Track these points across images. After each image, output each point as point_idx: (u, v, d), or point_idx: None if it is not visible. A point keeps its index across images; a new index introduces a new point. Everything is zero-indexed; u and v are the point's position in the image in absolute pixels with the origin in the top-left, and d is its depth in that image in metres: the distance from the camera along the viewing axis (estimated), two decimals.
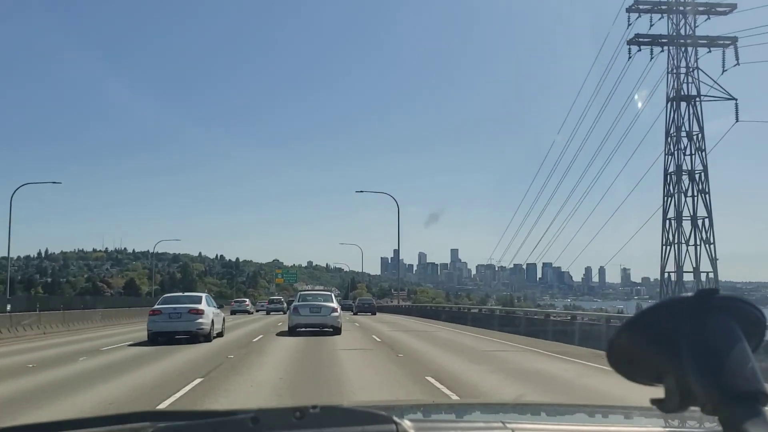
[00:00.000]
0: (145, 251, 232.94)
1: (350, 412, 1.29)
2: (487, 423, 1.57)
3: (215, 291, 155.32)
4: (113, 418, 1.32)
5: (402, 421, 1.24)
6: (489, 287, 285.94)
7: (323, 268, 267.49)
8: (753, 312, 1.07)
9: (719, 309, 1.06)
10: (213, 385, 10.75)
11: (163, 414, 1.36)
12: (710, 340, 1.03)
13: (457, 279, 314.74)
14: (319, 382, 11.48)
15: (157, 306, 21.04)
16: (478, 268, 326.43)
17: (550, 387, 11.03)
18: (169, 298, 22.36)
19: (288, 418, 1.20)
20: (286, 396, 9.90)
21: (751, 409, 0.97)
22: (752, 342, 1.06)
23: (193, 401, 9.31)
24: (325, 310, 22.65)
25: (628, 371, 1.11)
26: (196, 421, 1.33)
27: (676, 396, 1.04)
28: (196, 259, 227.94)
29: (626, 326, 1.09)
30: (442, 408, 2.20)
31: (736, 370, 1.00)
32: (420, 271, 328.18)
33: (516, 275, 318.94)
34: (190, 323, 19.94)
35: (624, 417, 1.91)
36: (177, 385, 10.74)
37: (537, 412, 1.97)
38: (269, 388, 10.56)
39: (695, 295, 1.06)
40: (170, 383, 11.00)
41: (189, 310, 20.14)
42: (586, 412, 1.99)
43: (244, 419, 1.20)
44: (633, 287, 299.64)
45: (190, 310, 20.14)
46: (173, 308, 20.20)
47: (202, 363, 14.07)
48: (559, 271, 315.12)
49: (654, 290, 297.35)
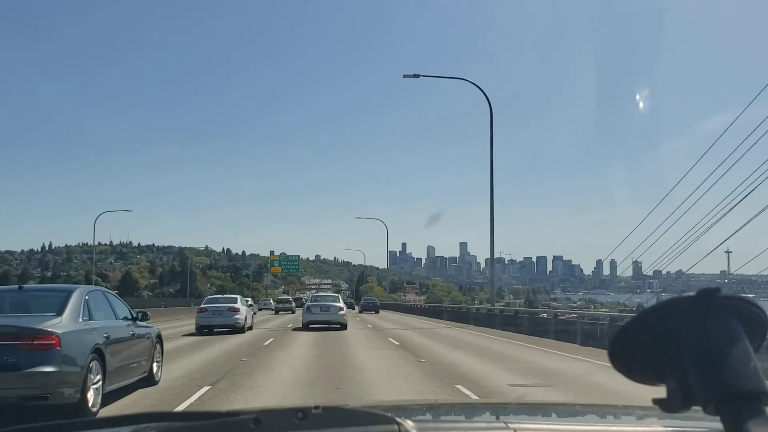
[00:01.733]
0: (150, 245, 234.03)
1: (352, 412, 1.30)
2: (489, 423, 1.58)
3: (217, 285, 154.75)
4: (117, 419, 1.33)
5: (404, 421, 1.25)
6: (499, 281, 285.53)
7: (331, 262, 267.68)
8: (755, 311, 1.07)
9: (721, 308, 1.06)
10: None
11: (165, 415, 1.38)
12: (712, 340, 1.03)
13: (467, 273, 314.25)
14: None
15: (203, 305, 26.21)
16: (488, 261, 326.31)
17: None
18: (212, 299, 27.90)
19: (290, 418, 1.21)
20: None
21: (753, 408, 0.97)
22: (754, 341, 1.06)
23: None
24: (333, 309, 27.07)
25: (630, 371, 1.10)
26: (199, 422, 1.34)
27: (678, 395, 1.04)
28: (201, 252, 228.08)
29: (628, 326, 1.08)
30: (444, 408, 2.21)
31: (738, 370, 1.00)
32: (429, 265, 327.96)
33: (526, 269, 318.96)
34: (229, 318, 24.76)
35: (626, 416, 1.91)
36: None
37: (539, 412, 1.97)
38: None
39: (697, 294, 1.06)
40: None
41: (228, 308, 25.15)
42: (589, 412, 1.99)
43: (246, 420, 1.21)
44: (645, 280, 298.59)
45: (229, 308, 25.15)
46: (216, 307, 25.28)
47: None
48: (569, 264, 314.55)
49: (666, 283, 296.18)
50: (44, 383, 7.31)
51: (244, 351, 17.45)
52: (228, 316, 24.86)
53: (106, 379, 8.49)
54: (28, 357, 7.31)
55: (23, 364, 7.28)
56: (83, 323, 8.37)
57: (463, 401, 7.67)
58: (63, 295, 8.69)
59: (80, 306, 8.55)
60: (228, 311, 25.03)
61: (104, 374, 8.39)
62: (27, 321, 7.80)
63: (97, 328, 8.60)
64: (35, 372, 7.26)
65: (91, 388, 7.99)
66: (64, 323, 7.90)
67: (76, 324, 8.18)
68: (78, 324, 8.22)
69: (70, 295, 8.59)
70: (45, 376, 7.30)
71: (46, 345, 7.42)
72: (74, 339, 7.85)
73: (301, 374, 12.69)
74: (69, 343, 7.67)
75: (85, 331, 8.27)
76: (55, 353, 7.43)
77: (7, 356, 7.27)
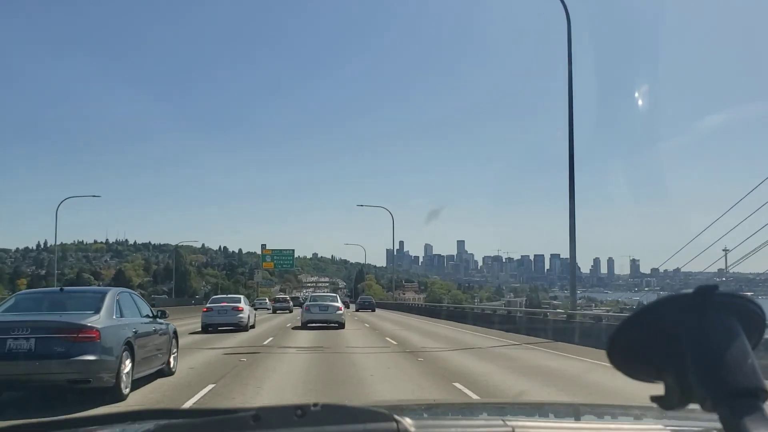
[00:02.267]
0: (147, 243, 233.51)
1: (351, 410, 1.31)
2: (487, 421, 1.59)
3: (212, 283, 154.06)
4: (116, 416, 1.34)
5: (403, 419, 1.25)
6: (497, 279, 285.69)
7: (328, 260, 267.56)
8: (753, 308, 1.08)
9: (719, 305, 1.06)
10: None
11: (165, 412, 1.38)
12: (710, 337, 1.04)
13: (464, 271, 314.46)
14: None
15: (208, 305, 27.80)
16: (485, 259, 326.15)
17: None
18: (216, 299, 29.14)
19: (289, 416, 1.22)
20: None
21: (750, 405, 0.98)
22: (752, 339, 1.06)
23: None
24: (331, 309, 27.93)
25: (628, 368, 1.11)
26: (198, 419, 1.34)
27: (676, 393, 1.05)
28: (198, 250, 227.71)
29: (626, 323, 1.09)
30: (442, 407, 2.22)
31: (736, 367, 1.01)
32: (426, 263, 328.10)
33: (523, 267, 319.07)
34: (234, 317, 26.07)
35: (624, 415, 1.92)
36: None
37: (537, 411, 1.99)
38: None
39: (695, 291, 1.07)
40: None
41: (233, 308, 26.44)
42: (587, 410, 2.00)
43: (245, 417, 1.22)
44: (643, 278, 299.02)
45: (233, 308, 26.44)
46: (221, 306, 26.68)
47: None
48: (566, 262, 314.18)
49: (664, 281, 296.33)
50: (87, 369, 8.72)
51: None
52: (232, 315, 26.18)
53: (135, 367, 9.85)
54: (74, 347, 8.71)
55: (70, 354, 8.66)
56: (116, 320, 9.77)
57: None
58: (98, 296, 10.20)
59: (113, 305, 9.97)
60: (232, 310, 26.37)
61: (133, 363, 9.76)
62: (72, 317, 9.17)
63: (127, 324, 10.00)
64: (80, 360, 8.69)
65: (123, 374, 9.35)
66: (101, 320, 9.29)
67: (111, 320, 9.57)
68: (112, 320, 9.62)
69: (104, 296, 10.07)
70: (88, 363, 8.72)
71: (88, 337, 8.83)
72: (110, 333, 9.25)
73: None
74: (106, 336, 9.06)
75: (118, 326, 9.66)
76: (96, 344, 8.86)
77: (58, 347, 8.66)
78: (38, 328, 8.81)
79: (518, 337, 22.93)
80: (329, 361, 15.04)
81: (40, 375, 8.67)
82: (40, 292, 12.76)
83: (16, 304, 10.34)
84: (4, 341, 8.65)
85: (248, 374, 12.46)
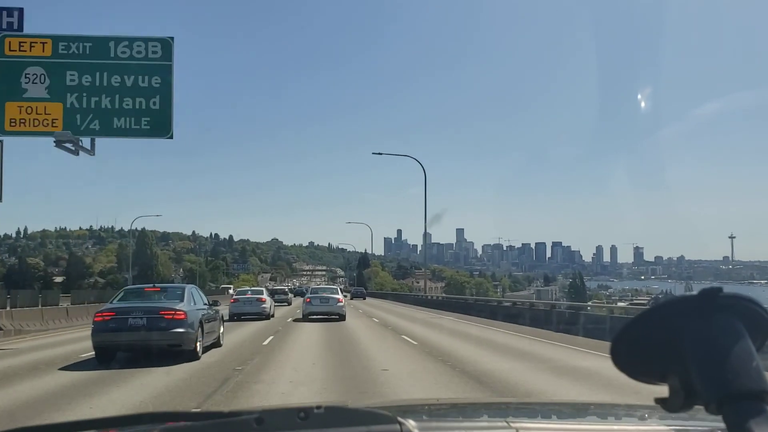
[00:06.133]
0: (132, 229, 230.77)
1: (354, 412, 1.33)
2: (491, 422, 1.61)
3: (187, 269, 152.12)
4: (118, 419, 1.36)
5: (406, 420, 1.27)
6: (497, 267, 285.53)
7: (325, 248, 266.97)
8: (758, 310, 1.10)
9: (724, 308, 1.08)
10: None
11: (167, 415, 1.40)
12: (714, 339, 1.06)
13: (464, 259, 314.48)
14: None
15: (235, 296, 32.44)
16: (485, 248, 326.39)
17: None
18: (242, 291, 35.04)
19: (292, 418, 1.24)
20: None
21: (755, 408, 1.00)
22: (757, 341, 1.09)
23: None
24: (332, 301, 29.71)
25: (632, 370, 1.13)
26: (201, 422, 1.36)
27: (680, 395, 1.07)
28: (187, 237, 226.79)
29: (630, 325, 1.11)
30: (445, 408, 2.24)
31: (741, 369, 1.03)
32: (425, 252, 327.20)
33: (524, 255, 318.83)
34: (258, 307, 30.26)
35: (628, 416, 1.93)
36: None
37: (541, 412, 2.00)
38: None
39: (700, 293, 1.09)
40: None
41: (257, 299, 30.98)
42: (590, 411, 2.02)
43: (248, 420, 1.24)
44: (648, 266, 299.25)
45: (258, 299, 30.98)
46: (246, 298, 31.36)
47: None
48: (568, 251, 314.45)
49: (669, 269, 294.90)
50: (179, 338, 13.29)
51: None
52: (257, 306, 30.46)
53: (204, 339, 14.36)
54: (171, 323, 13.27)
55: (169, 327, 13.22)
56: (193, 306, 14.39)
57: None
58: (180, 290, 15.31)
59: (190, 296, 14.77)
60: (257, 301, 30.89)
61: (203, 335, 14.27)
62: (168, 304, 13.91)
63: (198, 309, 14.58)
64: (175, 332, 13.23)
65: (198, 343, 13.84)
66: (184, 305, 13.94)
67: (190, 306, 14.21)
68: (191, 306, 14.24)
69: (184, 290, 15.10)
70: (180, 334, 13.29)
71: (179, 316, 13.41)
72: (191, 314, 13.81)
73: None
74: (190, 316, 13.64)
75: (195, 310, 14.22)
76: (184, 321, 13.42)
77: (160, 323, 13.21)
78: (147, 310, 13.42)
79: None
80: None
81: (150, 341, 13.04)
82: (141, 287, 17.09)
83: (125, 296, 15.00)
84: (127, 319, 13.20)
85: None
